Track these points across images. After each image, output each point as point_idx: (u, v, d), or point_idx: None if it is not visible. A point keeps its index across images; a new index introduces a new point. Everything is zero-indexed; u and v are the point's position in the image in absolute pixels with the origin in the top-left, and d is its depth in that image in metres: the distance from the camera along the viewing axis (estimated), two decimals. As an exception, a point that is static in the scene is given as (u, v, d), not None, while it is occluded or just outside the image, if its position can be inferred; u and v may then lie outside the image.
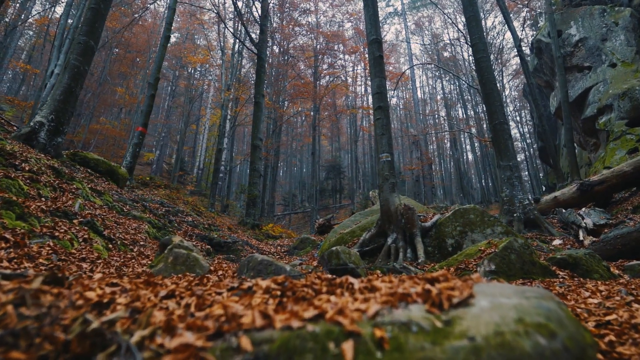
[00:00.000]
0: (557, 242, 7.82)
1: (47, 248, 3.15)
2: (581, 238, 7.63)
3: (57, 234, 3.68)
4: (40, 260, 2.76)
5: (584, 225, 8.03)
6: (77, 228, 4.25)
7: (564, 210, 9.37)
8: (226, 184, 30.06)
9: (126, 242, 4.94)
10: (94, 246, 4.00)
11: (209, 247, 7.52)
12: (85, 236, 4.15)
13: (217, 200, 25.83)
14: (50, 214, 4.11)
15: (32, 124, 6.85)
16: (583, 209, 8.84)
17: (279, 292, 1.26)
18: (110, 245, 4.48)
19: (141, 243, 5.23)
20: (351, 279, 1.32)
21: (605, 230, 7.48)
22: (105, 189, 7.18)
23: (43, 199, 4.49)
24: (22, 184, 4.34)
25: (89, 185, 6.60)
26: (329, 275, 1.56)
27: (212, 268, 3.02)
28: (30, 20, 31.51)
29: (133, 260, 4.20)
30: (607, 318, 1.85)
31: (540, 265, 4.14)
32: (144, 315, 0.96)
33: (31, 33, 37.34)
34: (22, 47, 37.08)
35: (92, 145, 31.32)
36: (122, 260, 4.01)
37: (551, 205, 11.11)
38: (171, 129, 41.60)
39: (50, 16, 30.09)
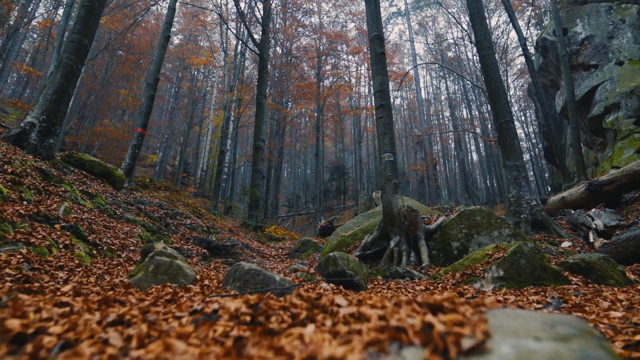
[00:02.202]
0: (566, 244, 7.56)
1: (19, 256, 2.90)
2: (591, 240, 7.37)
3: (33, 240, 3.43)
4: (8, 270, 2.53)
5: (594, 226, 7.77)
6: (59, 233, 4.02)
7: (572, 211, 9.09)
8: (229, 186, 29.88)
9: (114, 247, 4.69)
10: (75, 253, 3.76)
11: (206, 250, 7.29)
12: (67, 242, 3.91)
13: (220, 202, 25.65)
14: (29, 218, 3.87)
15: (22, 124, 6.64)
16: (593, 210, 8.56)
17: (248, 318, 1.04)
18: (95, 252, 4.24)
19: (131, 248, 4.99)
20: (338, 300, 1.10)
21: (617, 232, 7.20)
22: (98, 191, 6.97)
23: (25, 202, 4.28)
24: (1, 187, 4.12)
25: (80, 188, 6.38)
26: (315, 293, 1.34)
27: (197, 277, 2.79)
28: (34, 22, 31.51)
29: (119, 267, 3.96)
30: (638, 338, 1.62)
31: (551, 270, 3.89)
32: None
33: (35, 36, 37.37)
34: (26, 50, 37.06)
35: (95, 148, 31.24)
36: (105, 268, 3.77)
37: (559, 206, 10.82)
38: (174, 130, 41.49)
39: (53, 18, 30.06)
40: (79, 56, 7.68)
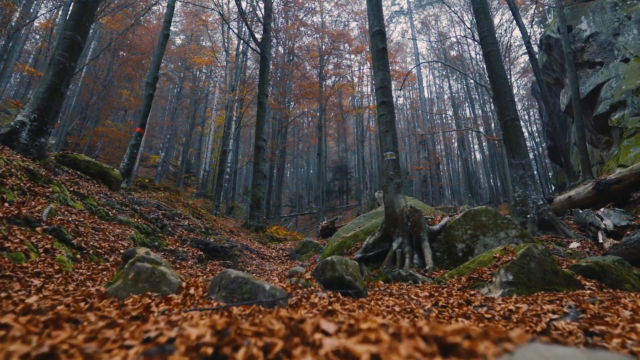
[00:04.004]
0: (574, 245, 7.33)
1: (-11, 262, 2.72)
2: (600, 241, 7.14)
3: (8, 244, 3.21)
4: (-28, 279, 2.35)
5: (604, 226, 7.53)
6: (39, 237, 3.80)
7: (580, 211, 8.86)
8: (231, 186, 29.76)
9: (101, 251, 4.48)
10: (56, 257, 3.54)
11: (202, 253, 7.08)
12: (48, 246, 3.69)
13: (222, 202, 25.52)
14: (7, 221, 3.66)
15: (12, 123, 6.43)
16: (602, 210, 8.31)
17: (210, 350, 0.83)
18: (79, 256, 4.02)
19: (121, 251, 4.78)
20: (324, 325, 0.89)
21: (628, 232, 6.96)
22: (90, 192, 6.77)
23: (7, 204, 4.08)
24: (-22, 188, 3.91)
25: (72, 188, 6.18)
26: (300, 313, 1.14)
27: (183, 284, 2.59)
28: (36, 23, 31.47)
29: (105, 272, 3.74)
30: (676, 359, 1.41)
31: (563, 274, 3.68)
32: None
33: (37, 37, 37.40)
34: (28, 51, 37.03)
35: (97, 148, 31.23)
36: (89, 273, 3.55)
37: (565, 206, 10.59)
38: (177, 131, 41.45)
39: (55, 19, 30.03)
40: (72, 53, 7.47)
